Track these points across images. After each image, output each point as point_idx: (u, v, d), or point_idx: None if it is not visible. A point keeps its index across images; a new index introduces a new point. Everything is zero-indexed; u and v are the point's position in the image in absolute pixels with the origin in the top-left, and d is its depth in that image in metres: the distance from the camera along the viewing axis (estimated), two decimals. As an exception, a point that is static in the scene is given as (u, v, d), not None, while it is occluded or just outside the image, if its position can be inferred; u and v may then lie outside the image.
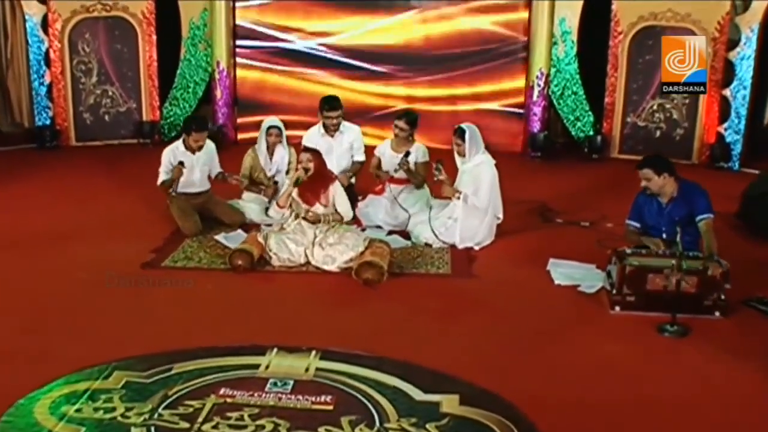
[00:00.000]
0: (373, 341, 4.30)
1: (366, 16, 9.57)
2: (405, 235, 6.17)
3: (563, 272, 5.40)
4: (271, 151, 6.62)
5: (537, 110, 9.29)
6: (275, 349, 4.09)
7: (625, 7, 8.77)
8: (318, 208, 5.55)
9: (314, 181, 5.52)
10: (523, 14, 9.24)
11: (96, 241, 5.99)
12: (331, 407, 3.55)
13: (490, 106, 9.52)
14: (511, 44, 9.37)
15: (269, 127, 6.57)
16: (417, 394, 3.68)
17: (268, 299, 5.00)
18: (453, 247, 5.91)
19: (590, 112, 9.28)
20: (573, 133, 9.37)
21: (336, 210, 5.60)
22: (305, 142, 6.58)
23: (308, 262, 5.46)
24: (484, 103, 9.55)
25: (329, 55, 9.67)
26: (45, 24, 9.33)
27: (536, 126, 9.33)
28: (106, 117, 9.71)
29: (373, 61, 9.59)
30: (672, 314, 4.53)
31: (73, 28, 9.39)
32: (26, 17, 9.31)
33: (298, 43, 9.68)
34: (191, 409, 3.51)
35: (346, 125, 6.72)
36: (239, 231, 6.13)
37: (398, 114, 6.51)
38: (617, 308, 4.80)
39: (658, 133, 8.97)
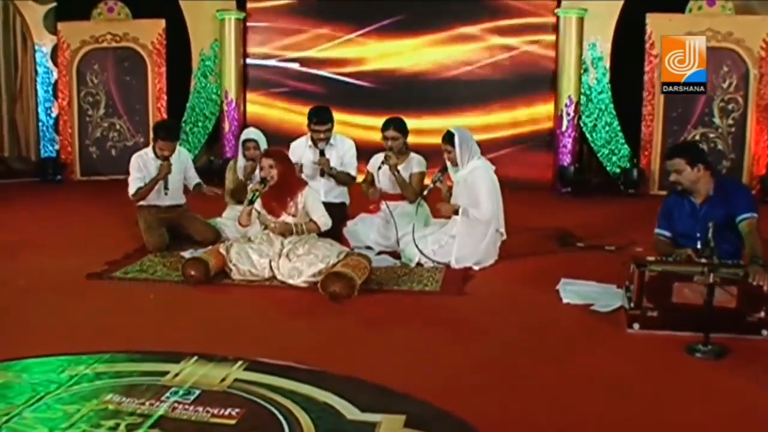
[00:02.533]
0: (320, 355, 3.49)
1: (383, 41, 9.04)
2: (397, 255, 5.38)
3: (575, 290, 4.51)
4: (252, 165, 5.93)
5: (567, 141, 8.49)
6: (195, 358, 3.33)
7: (660, 28, 8.01)
8: (286, 220, 4.82)
9: (280, 188, 4.80)
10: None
11: (54, 253, 5.52)
12: (233, 422, 2.77)
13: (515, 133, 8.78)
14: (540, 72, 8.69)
15: (245, 140, 5.93)
16: (351, 413, 2.85)
17: (213, 310, 4.27)
18: (448, 267, 5.08)
19: (626, 145, 8.44)
20: (608, 168, 8.53)
21: (310, 219, 4.85)
22: (291, 154, 5.95)
23: (273, 276, 4.71)
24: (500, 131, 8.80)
25: (347, 83, 9.10)
26: (55, 55, 9.11)
27: (566, 159, 8.52)
28: (113, 151, 9.34)
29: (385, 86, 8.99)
30: (705, 332, 3.59)
31: (81, 58, 9.15)
32: (36, 48, 9.11)
33: (312, 72, 9.17)
34: (60, 413, 2.79)
35: (338, 138, 6.04)
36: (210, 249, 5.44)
37: (384, 124, 5.74)
38: (636, 326, 3.87)
39: (702, 165, 8.03)
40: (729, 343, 3.64)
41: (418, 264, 5.13)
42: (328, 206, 5.85)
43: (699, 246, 4.16)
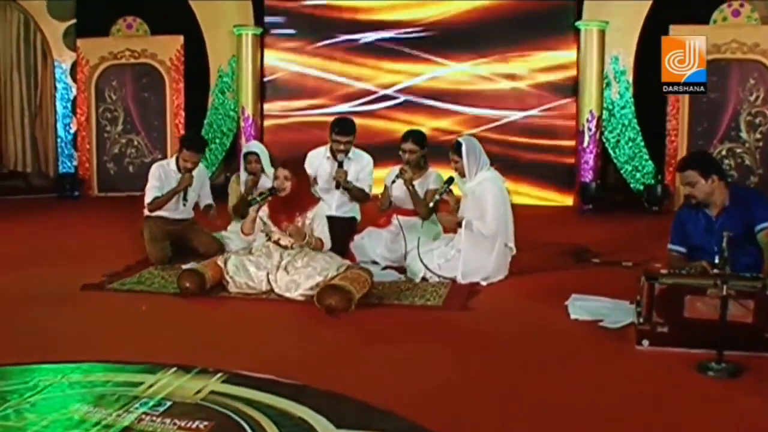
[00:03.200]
0: (308, 369, 3.31)
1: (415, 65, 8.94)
2: (403, 270, 5.18)
3: (584, 306, 4.28)
4: (254, 179, 5.80)
5: (588, 157, 8.26)
6: (173, 369, 3.18)
7: (684, 39, 7.77)
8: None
9: (291, 201, 4.64)
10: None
11: (56, 265, 5.42)
12: None
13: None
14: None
15: (247, 153, 5.81)
16: (325, 429, 2.67)
17: (203, 322, 4.12)
18: (455, 282, 4.88)
19: (650, 161, 8.18)
20: (631, 184, 8.27)
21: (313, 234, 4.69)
22: (307, 164, 5.80)
23: (271, 290, 4.55)
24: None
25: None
26: (74, 71, 9.16)
27: (588, 175, 8.28)
28: (131, 168, 9.32)
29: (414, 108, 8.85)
30: (718, 349, 3.34)
31: (100, 74, 9.18)
32: (56, 64, 9.17)
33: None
34: (24, 422, 2.68)
35: (356, 153, 5.86)
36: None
37: (403, 136, 5.57)
38: (645, 342, 3.63)
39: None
40: (745, 362, 3.39)
41: (423, 279, 4.93)
42: (338, 220, 5.77)
43: (716, 260, 3.93)
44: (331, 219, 5.71)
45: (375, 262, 5.37)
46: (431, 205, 5.15)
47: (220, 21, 9.04)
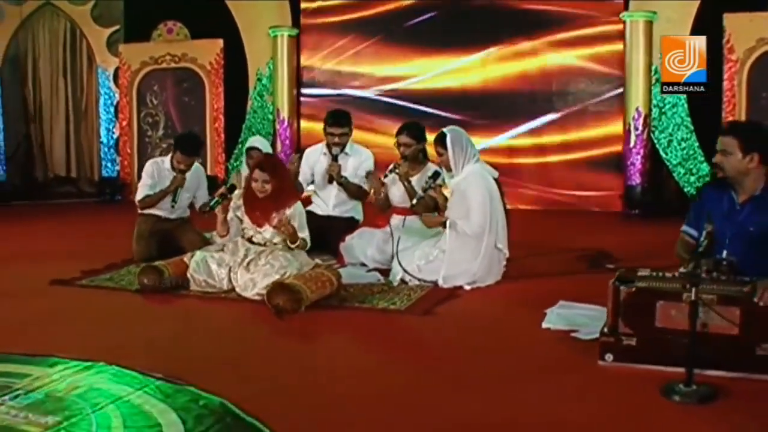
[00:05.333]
0: (212, 372, 3.02)
1: (439, 58, 8.54)
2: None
3: (563, 314, 3.79)
4: None
5: (635, 159, 7.62)
6: (74, 364, 3.02)
7: (739, 29, 7.05)
8: (266, 231, 4.40)
9: (271, 200, 4.35)
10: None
11: (47, 262, 5.33)
12: (40, 429, 2.40)
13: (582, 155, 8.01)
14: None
15: (249, 149, 5.61)
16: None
17: (145, 320, 3.92)
18: (436, 286, 4.47)
19: (705, 163, 7.45)
20: (685, 188, 7.56)
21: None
22: (303, 161, 5.58)
23: (232, 289, 4.29)
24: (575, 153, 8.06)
25: (399, 102, 8.68)
26: (116, 76, 9.29)
27: (635, 179, 7.63)
28: (171, 171, 9.33)
29: (446, 108, 8.43)
30: (687, 369, 2.81)
31: (141, 79, 9.26)
32: (99, 70, 9.33)
33: (369, 90, 8.82)
34: None
35: (355, 148, 5.58)
36: (196, 259, 5.11)
37: (399, 129, 5.20)
38: (609, 357, 3.12)
39: (792, 183, 6.92)
40: (726, 384, 2.84)
41: (403, 282, 4.55)
42: (336, 220, 5.49)
43: (725, 253, 3.36)
44: (328, 218, 5.52)
45: (363, 264, 5.03)
46: (413, 203, 4.77)
47: (258, 23, 8.95)
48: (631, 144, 7.60)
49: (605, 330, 3.15)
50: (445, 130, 4.62)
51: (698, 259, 2.83)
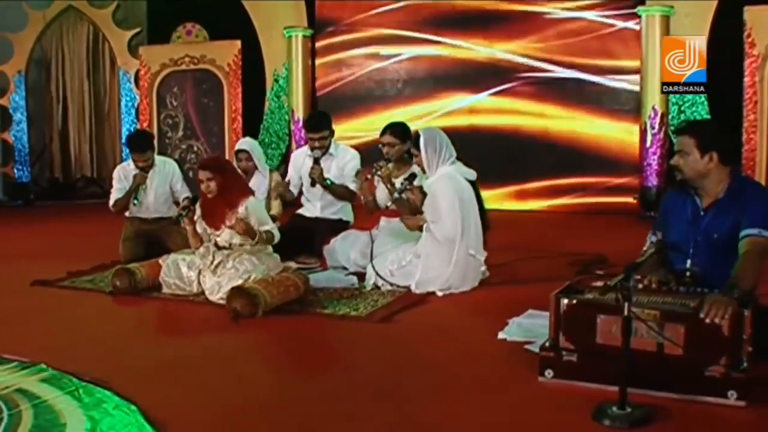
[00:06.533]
0: (149, 375, 3.04)
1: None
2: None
3: (525, 324, 3.65)
4: (248, 177, 5.58)
5: (651, 159, 7.35)
6: (13, 365, 3.06)
7: (761, 22, 6.72)
8: (224, 233, 4.38)
9: (220, 200, 4.33)
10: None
11: (39, 262, 5.43)
12: None
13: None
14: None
15: (237, 151, 5.60)
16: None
17: (95, 321, 3.96)
18: (409, 291, 4.36)
19: (725, 163, 7.12)
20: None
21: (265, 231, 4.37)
22: (291, 165, 5.62)
23: (202, 292, 4.28)
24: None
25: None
26: (137, 78, 9.43)
27: (652, 180, 7.37)
28: (190, 173, 9.38)
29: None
30: (620, 390, 2.64)
31: (161, 81, 9.37)
32: (121, 72, 9.49)
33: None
34: None
35: (340, 148, 5.53)
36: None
37: (383, 129, 5.08)
38: (549, 373, 2.97)
39: (815, 185, 6.58)
40: (668, 406, 2.67)
41: (376, 286, 4.46)
42: (324, 222, 5.44)
43: (689, 263, 3.18)
44: (315, 220, 5.48)
45: (344, 268, 4.96)
46: (388, 204, 4.67)
47: (274, 24, 8.97)
48: (648, 144, 7.33)
49: (546, 344, 3.01)
50: (420, 130, 4.51)
51: (630, 271, 2.66)
